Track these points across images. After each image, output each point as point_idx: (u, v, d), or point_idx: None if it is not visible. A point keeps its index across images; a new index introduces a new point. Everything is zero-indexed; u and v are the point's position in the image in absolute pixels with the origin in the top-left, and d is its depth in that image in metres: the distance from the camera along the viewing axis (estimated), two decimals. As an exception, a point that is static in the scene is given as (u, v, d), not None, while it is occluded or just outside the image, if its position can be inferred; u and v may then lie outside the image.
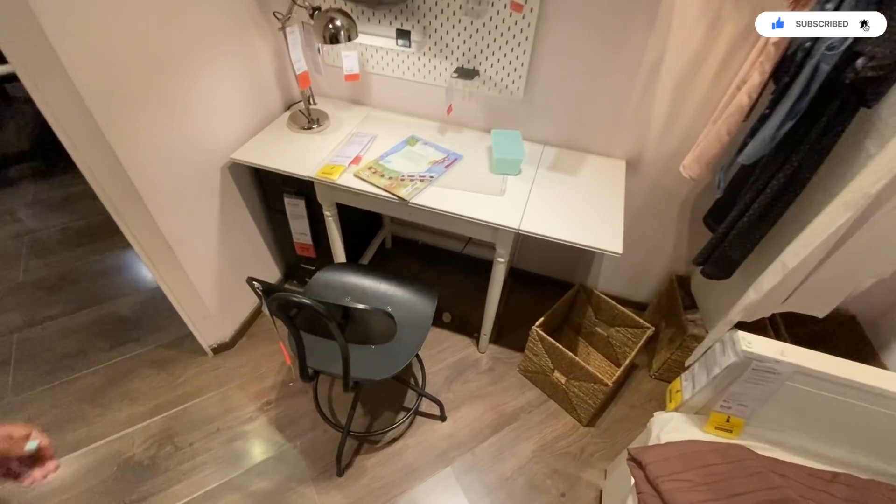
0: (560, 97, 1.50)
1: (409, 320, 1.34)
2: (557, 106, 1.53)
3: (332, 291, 1.41)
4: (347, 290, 1.42)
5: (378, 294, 1.42)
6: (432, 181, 1.41)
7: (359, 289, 1.43)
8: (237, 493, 1.44)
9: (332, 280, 1.44)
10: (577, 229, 1.29)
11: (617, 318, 1.71)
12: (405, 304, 1.39)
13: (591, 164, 1.55)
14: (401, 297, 1.41)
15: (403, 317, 1.35)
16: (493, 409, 1.69)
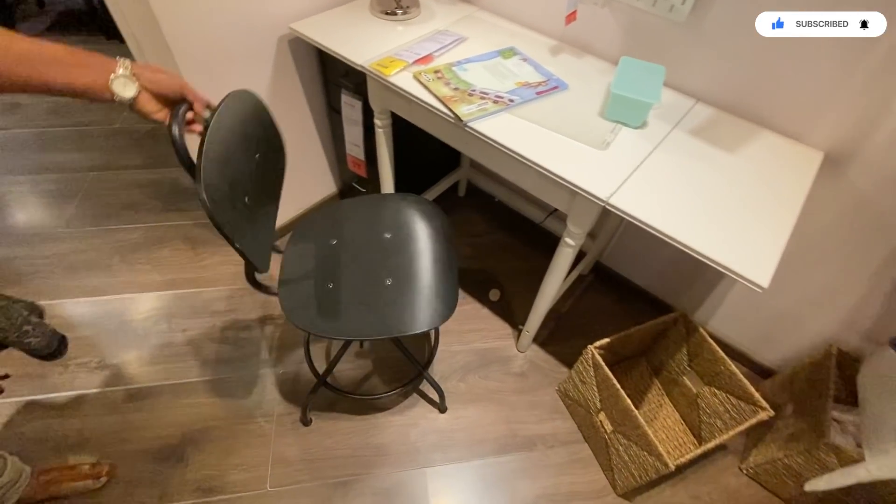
0: (747, 31, 0.95)
1: (432, 285, 1.01)
2: (738, 44, 0.98)
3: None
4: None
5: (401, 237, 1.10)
6: (510, 106, 1.00)
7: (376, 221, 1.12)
8: (200, 398, 1.31)
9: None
10: (704, 231, 0.81)
11: (721, 378, 1.18)
12: (433, 263, 1.06)
13: (764, 143, 1.00)
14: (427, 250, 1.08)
15: (427, 280, 1.02)
16: (507, 423, 1.32)
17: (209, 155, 0.68)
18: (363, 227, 1.11)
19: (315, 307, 0.95)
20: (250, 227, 0.80)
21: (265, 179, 0.90)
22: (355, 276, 1.01)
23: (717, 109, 1.07)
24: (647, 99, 0.93)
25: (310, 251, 1.06)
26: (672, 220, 0.81)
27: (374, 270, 1.02)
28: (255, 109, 0.85)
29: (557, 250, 1.05)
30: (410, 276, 1.01)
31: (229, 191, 0.74)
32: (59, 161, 1.93)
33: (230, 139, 0.76)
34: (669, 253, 1.44)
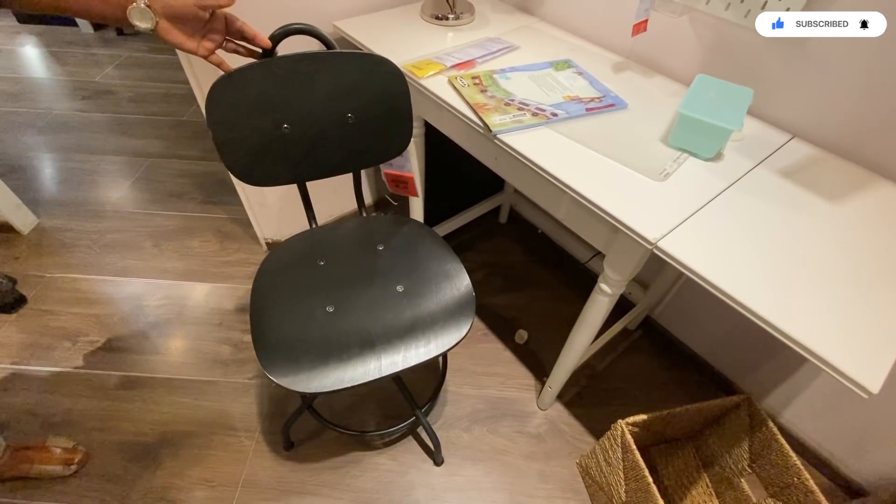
0: (870, 50, 0.74)
1: (441, 309, 0.87)
2: (857, 67, 0.77)
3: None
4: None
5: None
6: (552, 120, 0.85)
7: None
8: (189, 397, 1.24)
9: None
10: (789, 304, 0.60)
11: (792, 493, 0.91)
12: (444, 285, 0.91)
13: (882, 196, 0.76)
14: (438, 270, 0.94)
15: (438, 305, 0.88)
16: (510, 493, 1.11)
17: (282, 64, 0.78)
18: (351, 244, 0.99)
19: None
20: (265, 148, 0.85)
21: (344, 139, 0.92)
22: (357, 294, 0.89)
23: (821, 149, 0.85)
24: (723, 125, 0.74)
25: (296, 275, 0.96)
26: (743, 282, 0.61)
27: (377, 286, 0.89)
28: (381, 80, 0.88)
29: (591, 298, 0.87)
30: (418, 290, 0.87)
31: (263, 105, 0.80)
32: (124, 145, 2.04)
33: (324, 86, 0.84)
34: (738, 319, 1.18)
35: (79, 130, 2.10)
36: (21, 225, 1.61)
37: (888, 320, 0.58)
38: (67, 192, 1.79)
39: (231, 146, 0.82)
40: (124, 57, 2.65)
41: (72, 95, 2.32)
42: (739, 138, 0.86)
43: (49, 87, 2.39)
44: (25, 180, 1.83)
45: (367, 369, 0.77)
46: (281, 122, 0.85)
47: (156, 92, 2.40)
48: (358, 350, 0.79)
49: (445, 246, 0.99)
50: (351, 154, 0.95)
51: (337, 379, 0.75)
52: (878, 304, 0.60)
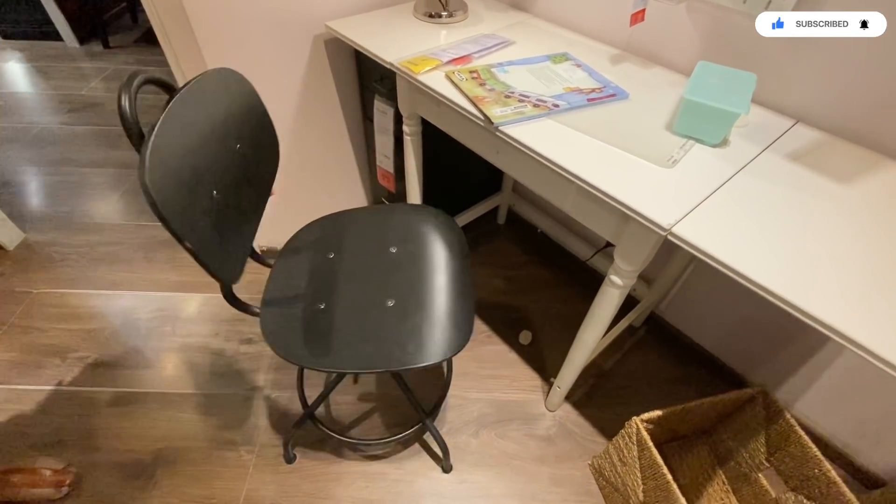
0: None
1: (445, 311, 0.84)
2: (861, 49, 0.76)
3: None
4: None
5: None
6: (553, 111, 0.84)
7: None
8: (185, 412, 1.19)
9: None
10: (810, 283, 0.58)
11: (813, 485, 0.88)
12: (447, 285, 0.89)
13: (892, 178, 0.75)
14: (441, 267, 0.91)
15: (441, 308, 0.85)
16: (522, 498, 1.07)
17: (166, 132, 0.57)
18: (366, 240, 0.96)
19: (301, 332, 0.80)
20: (217, 227, 0.67)
21: (247, 175, 0.78)
22: (352, 295, 0.86)
23: (826, 133, 0.84)
24: (730, 108, 0.73)
25: (302, 265, 0.93)
26: (762, 265, 0.59)
27: (373, 289, 0.87)
28: (241, 94, 0.75)
29: (601, 290, 0.84)
30: (418, 297, 0.84)
31: (191, 180, 0.62)
32: (112, 157, 2.00)
33: (201, 121, 0.65)
34: (745, 311, 1.17)
35: (65, 144, 2.06)
36: (7, 240, 1.56)
37: (890, 301, 0.57)
38: (54, 206, 1.75)
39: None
40: (111, 70, 2.62)
41: (57, 109, 2.28)
42: (743, 124, 0.84)
43: (34, 101, 2.35)
44: (11, 195, 1.78)
45: (366, 360, 0.74)
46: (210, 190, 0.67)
47: (143, 104, 2.33)
48: (358, 340, 0.76)
49: (461, 249, 0.96)
50: (253, 183, 0.80)
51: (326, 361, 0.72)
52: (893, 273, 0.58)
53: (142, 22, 3.11)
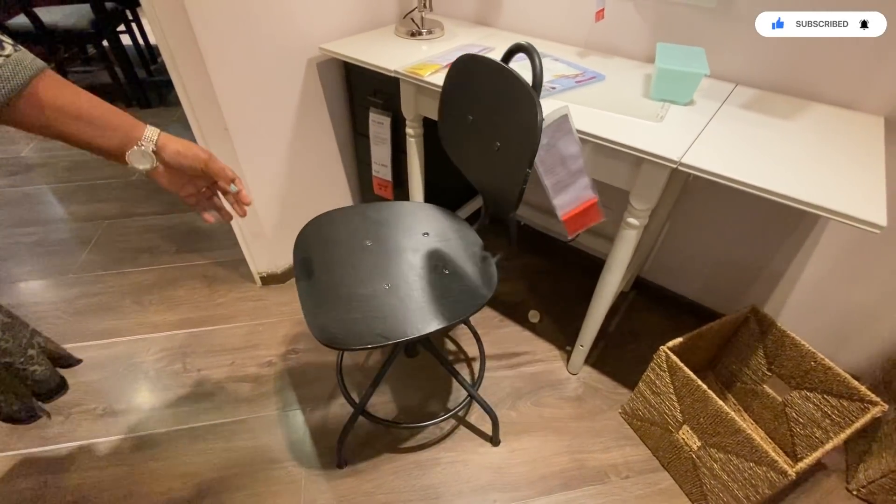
0: (779, 8, 0.96)
1: (461, 273, 0.92)
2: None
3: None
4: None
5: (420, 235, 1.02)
6: (552, 92, 0.98)
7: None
8: (218, 442, 1.14)
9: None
10: (793, 182, 0.74)
11: (813, 376, 1.04)
12: (454, 245, 0.97)
13: (820, 113, 0.96)
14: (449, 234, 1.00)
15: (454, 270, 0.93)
16: (570, 454, 1.14)
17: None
18: (393, 229, 1.03)
19: (364, 320, 0.84)
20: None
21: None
22: (392, 273, 0.92)
23: (760, 90, 1.05)
24: (696, 70, 0.91)
25: (332, 262, 0.97)
26: (756, 175, 0.75)
27: (417, 265, 0.93)
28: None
29: (619, 235, 0.97)
30: (453, 267, 0.92)
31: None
32: (72, 212, 1.90)
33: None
34: (716, 255, 1.36)
35: (15, 206, 1.92)
36: (-30, 307, 1.42)
37: (867, 179, 0.74)
38: (21, 268, 1.62)
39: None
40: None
41: (-5, 174, 2.13)
42: (700, 90, 1.04)
43: (-35, 168, 2.17)
44: (-39, 263, 1.63)
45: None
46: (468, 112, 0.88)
47: (94, 158, 2.25)
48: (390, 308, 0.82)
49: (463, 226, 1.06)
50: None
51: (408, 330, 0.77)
52: (854, 172, 0.76)
53: (72, 82, 3.00)
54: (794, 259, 1.22)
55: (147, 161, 0.56)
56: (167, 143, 0.57)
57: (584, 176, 0.82)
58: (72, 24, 2.41)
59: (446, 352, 1.38)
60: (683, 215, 1.36)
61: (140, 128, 0.55)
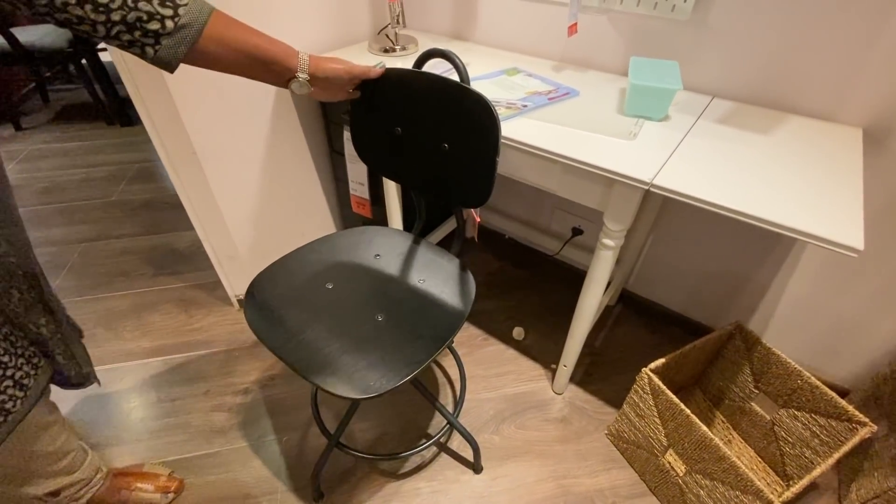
0: (755, 18, 0.94)
1: (437, 296, 0.89)
2: (748, 33, 0.97)
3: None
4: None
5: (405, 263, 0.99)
6: (524, 111, 0.96)
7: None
8: (190, 476, 1.10)
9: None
10: (768, 204, 0.71)
11: (799, 395, 1.01)
12: (435, 270, 0.94)
13: (797, 126, 0.94)
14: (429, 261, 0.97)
15: (431, 291, 0.90)
16: (555, 479, 1.11)
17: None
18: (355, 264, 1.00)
19: (339, 362, 0.81)
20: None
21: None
22: (346, 318, 0.89)
23: (737, 102, 1.03)
24: (669, 86, 0.89)
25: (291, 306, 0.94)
26: (730, 196, 0.72)
27: (370, 307, 0.90)
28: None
29: (595, 256, 0.94)
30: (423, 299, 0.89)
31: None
32: (46, 236, 1.86)
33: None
34: (701, 267, 1.33)
35: (-12, 230, 1.88)
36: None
37: (845, 198, 0.72)
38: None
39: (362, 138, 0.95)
40: (26, 151, 2.46)
41: (-30, 197, 2.08)
42: (675, 104, 1.02)
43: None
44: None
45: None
46: (395, 125, 0.90)
47: (72, 179, 2.23)
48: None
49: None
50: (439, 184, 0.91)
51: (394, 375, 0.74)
52: (831, 190, 0.74)
53: (53, 101, 2.97)
54: (778, 272, 1.20)
55: (305, 88, 0.68)
56: (317, 66, 0.68)
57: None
58: (49, 44, 2.38)
59: (427, 374, 1.35)
60: (666, 228, 1.33)
61: (294, 57, 0.65)
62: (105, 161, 2.37)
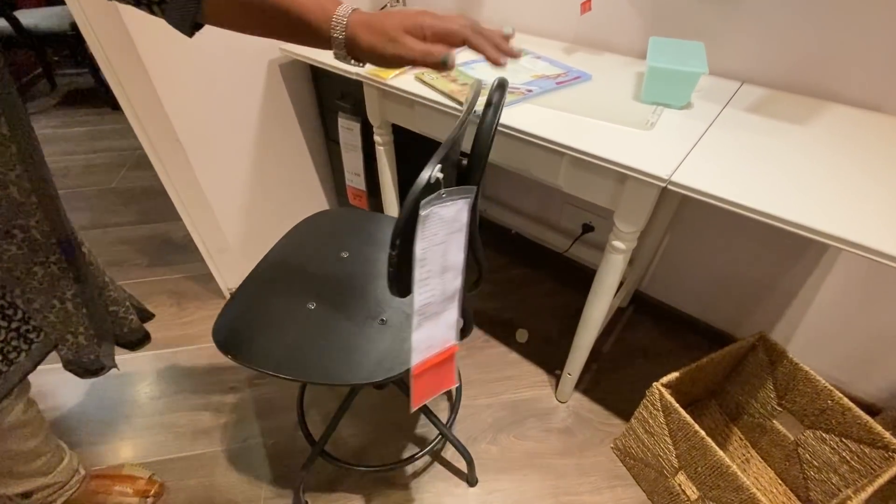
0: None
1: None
2: (787, 12, 0.85)
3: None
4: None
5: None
6: (528, 96, 0.86)
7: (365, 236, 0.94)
8: (169, 479, 1.05)
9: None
10: (800, 203, 0.61)
11: (829, 416, 0.92)
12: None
13: (838, 116, 0.83)
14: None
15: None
16: (555, 496, 1.03)
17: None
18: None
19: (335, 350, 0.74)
20: None
21: None
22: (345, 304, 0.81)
23: (770, 89, 0.92)
24: (693, 69, 0.78)
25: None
26: (759, 196, 0.62)
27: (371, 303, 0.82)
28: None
29: (604, 259, 0.85)
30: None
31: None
32: (45, 222, 1.82)
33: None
34: (722, 270, 1.23)
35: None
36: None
37: (880, 193, 0.62)
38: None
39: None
40: (31, 136, 2.43)
41: (-28, 182, 2.06)
42: (698, 90, 0.91)
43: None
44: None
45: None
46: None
47: (74, 165, 2.20)
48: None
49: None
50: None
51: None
52: (875, 192, 0.64)
53: (60, 86, 2.94)
54: (808, 279, 1.09)
55: (346, 59, 0.50)
56: (356, 34, 0.47)
57: (455, 305, 0.49)
58: (51, 27, 2.34)
59: (424, 376, 1.28)
60: (685, 226, 1.23)
61: (327, 16, 0.47)
62: (107, 147, 2.34)
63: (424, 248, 0.45)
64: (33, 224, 0.62)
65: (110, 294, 0.82)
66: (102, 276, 0.79)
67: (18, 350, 0.68)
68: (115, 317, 0.84)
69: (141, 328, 0.91)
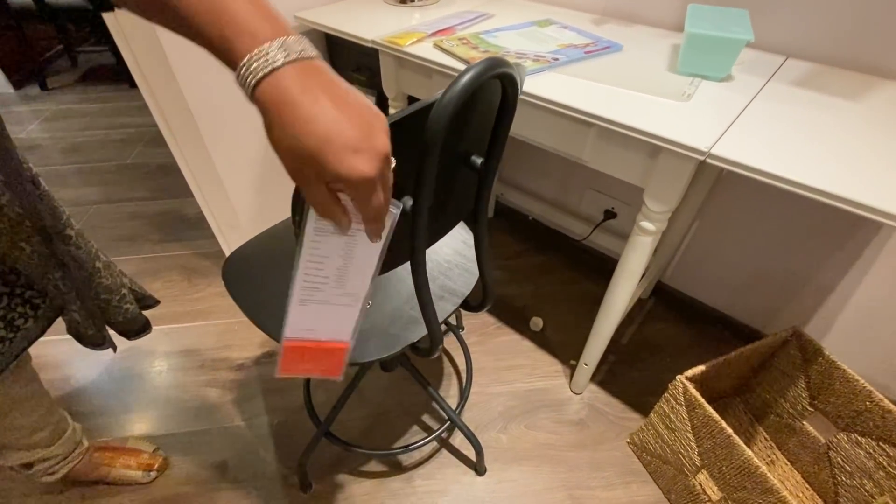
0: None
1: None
2: (842, -27, 0.78)
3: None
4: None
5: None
6: (554, 64, 0.81)
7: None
8: (175, 454, 1.04)
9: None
10: (850, 177, 0.55)
11: (866, 419, 0.85)
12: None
13: (891, 94, 0.75)
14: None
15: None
16: (566, 489, 0.99)
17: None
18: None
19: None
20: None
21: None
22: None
23: (818, 64, 0.85)
24: (736, 36, 0.71)
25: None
26: (806, 169, 0.56)
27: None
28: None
29: (630, 242, 0.80)
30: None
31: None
32: (61, 196, 1.83)
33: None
34: (752, 262, 1.16)
35: (5, 188, 1.87)
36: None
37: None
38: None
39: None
40: (51, 111, 2.45)
41: (-7, 154, 2.08)
42: (739, 63, 0.84)
43: (-36, 149, 2.14)
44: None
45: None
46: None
47: (91, 140, 2.20)
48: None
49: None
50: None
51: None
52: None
53: (81, 63, 2.96)
54: (847, 272, 1.02)
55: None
56: (272, 99, 0.30)
57: (356, 312, 0.47)
58: (71, 1, 2.34)
59: (430, 363, 1.24)
60: (715, 212, 1.16)
61: (245, 47, 0.30)
62: (125, 123, 2.34)
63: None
64: (5, 202, 0.57)
65: (101, 281, 0.74)
66: (93, 262, 0.72)
67: (25, 316, 0.66)
68: (108, 305, 0.76)
69: (139, 318, 0.84)
